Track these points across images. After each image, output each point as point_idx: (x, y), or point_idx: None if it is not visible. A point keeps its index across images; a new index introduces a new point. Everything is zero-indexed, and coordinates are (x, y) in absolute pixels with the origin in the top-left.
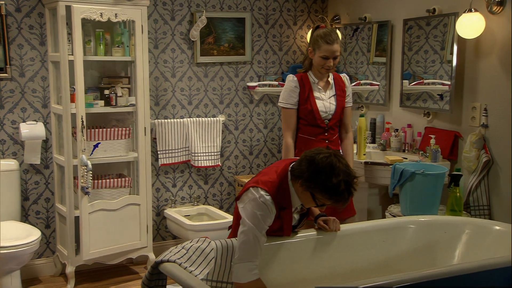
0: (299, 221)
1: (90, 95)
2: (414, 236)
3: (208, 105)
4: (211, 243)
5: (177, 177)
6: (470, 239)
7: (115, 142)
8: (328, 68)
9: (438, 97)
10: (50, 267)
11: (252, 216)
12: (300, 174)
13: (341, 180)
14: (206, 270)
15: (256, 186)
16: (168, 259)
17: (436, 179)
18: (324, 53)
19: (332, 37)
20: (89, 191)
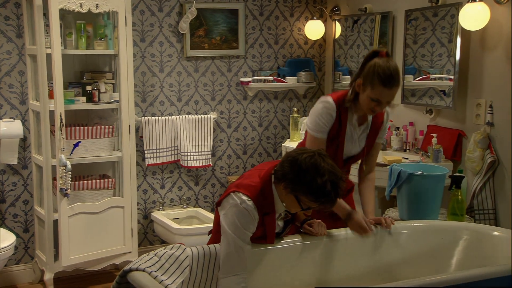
0: (284, 228)
1: (71, 91)
2: (407, 242)
3: (198, 101)
4: (186, 250)
5: (165, 178)
6: (468, 246)
7: (98, 141)
8: (375, 112)
9: (441, 94)
10: (28, 274)
11: (234, 225)
12: (282, 176)
13: (326, 180)
14: (179, 279)
15: (237, 191)
16: (137, 267)
17: (436, 181)
18: (378, 96)
19: (394, 80)
20: (68, 193)
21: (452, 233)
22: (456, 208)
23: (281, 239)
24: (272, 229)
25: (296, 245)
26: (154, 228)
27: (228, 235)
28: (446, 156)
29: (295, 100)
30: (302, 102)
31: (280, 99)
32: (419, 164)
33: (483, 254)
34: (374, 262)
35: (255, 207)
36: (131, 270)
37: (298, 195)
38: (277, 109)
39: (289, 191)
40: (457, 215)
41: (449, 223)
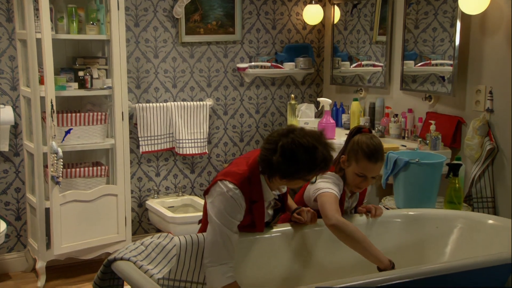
0: (274, 216)
1: (62, 77)
2: (401, 231)
3: (194, 88)
4: (174, 239)
5: (160, 165)
6: (462, 234)
7: (90, 128)
8: (360, 187)
9: (440, 80)
10: (21, 262)
11: (220, 213)
12: (275, 170)
13: (320, 151)
14: (166, 268)
15: (224, 179)
16: (122, 256)
17: (433, 169)
18: (363, 171)
19: (378, 154)
20: (60, 180)
21: (447, 221)
22: (453, 196)
23: (270, 228)
24: (261, 218)
25: (285, 234)
26: (148, 217)
27: (214, 224)
28: (445, 143)
29: (293, 86)
30: (300, 88)
31: (278, 85)
32: (416, 151)
33: (477, 243)
34: None
35: (242, 195)
36: (115, 260)
37: (298, 177)
38: (274, 96)
39: (288, 179)
40: (454, 204)
41: (443, 212)
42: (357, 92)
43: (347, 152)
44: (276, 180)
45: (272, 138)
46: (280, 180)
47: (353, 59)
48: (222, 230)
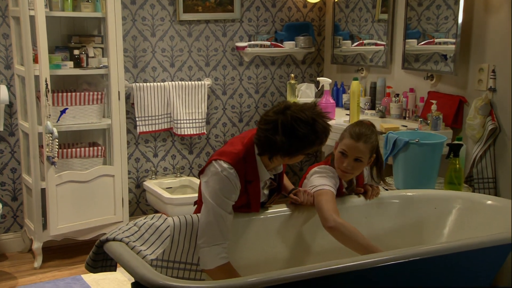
0: (269, 196)
1: (57, 56)
2: (399, 212)
3: (192, 67)
4: (168, 220)
5: (158, 146)
6: (461, 215)
7: (86, 108)
8: (344, 171)
9: (442, 58)
10: (18, 243)
11: (214, 193)
12: (276, 149)
13: (319, 123)
14: (159, 249)
15: (218, 159)
16: (114, 237)
17: (433, 149)
18: (344, 147)
19: (361, 133)
20: (55, 161)
21: (445, 202)
22: (454, 177)
23: (266, 209)
24: (257, 197)
25: (281, 214)
26: (146, 198)
27: (208, 204)
28: (446, 123)
29: (293, 66)
30: (301, 68)
31: (278, 65)
32: (416, 131)
33: (476, 224)
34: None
35: (237, 175)
36: (108, 240)
37: (301, 152)
38: (274, 75)
39: (290, 156)
40: (454, 184)
41: (441, 192)
42: (358, 71)
43: (339, 138)
44: (277, 159)
45: (268, 117)
46: (282, 158)
47: (355, 38)
48: (216, 211)
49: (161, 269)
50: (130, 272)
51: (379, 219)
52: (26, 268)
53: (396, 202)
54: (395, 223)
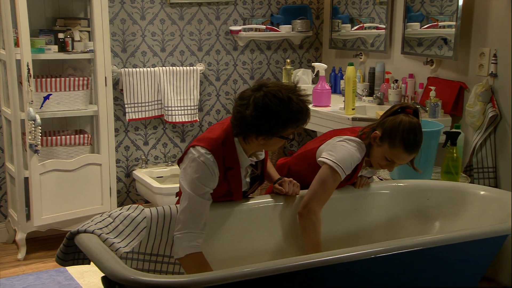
0: (251, 185)
1: (41, 39)
2: (390, 203)
3: (184, 52)
4: (144, 211)
5: (149, 134)
6: (454, 206)
7: (71, 94)
8: (383, 168)
9: (442, 42)
10: (2, 234)
11: (191, 180)
12: (250, 127)
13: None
14: (134, 242)
15: (196, 145)
16: (85, 229)
17: (429, 138)
18: (394, 158)
19: (418, 146)
20: (39, 149)
21: (437, 193)
22: (451, 167)
23: (247, 200)
24: (238, 185)
25: (266, 205)
26: (136, 187)
27: (185, 191)
28: (445, 110)
29: (290, 50)
30: (298, 53)
31: (274, 49)
32: None
33: (469, 215)
34: (353, 224)
35: (215, 161)
36: (79, 232)
37: (275, 133)
38: (270, 61)
39: (264, 137)
40: (451, 174)
41: (434, 183)
42: (357, 56)
43: (383, 130)
44: (252, 141)
45: (244, 94)
46: (257, 139)
47: (355, 21)
48: (192, 197)
49: (138, 262)
50: (98, 266)
51: (369, 210)
52: (9, 260)
53: (386, 193)
54: (386, 215)
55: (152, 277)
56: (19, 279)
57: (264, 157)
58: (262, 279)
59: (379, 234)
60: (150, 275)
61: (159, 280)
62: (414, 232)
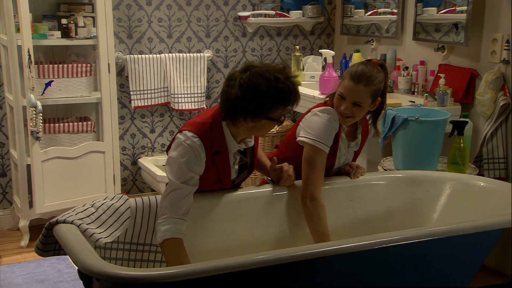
0: (240, 173)
1: (44, 25)
2: (386, 194)
3: (191, 38)
4: (129, 201)
5: (155, 121)
6: (451, 198)
7: (74, 81)
8: (343, 115)
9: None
10: (7, 220)
11: (176, 165)
12: (237, 108)
13: (282, 82)
14: (117, 232)
15: (184, 130)
16: (64, 219)
17: (435, 127)
18: (343, 90)
19: (363, 74)
20: (40, 136)
21: (436, 184)
22: (458, 157)
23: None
24: (226, 171)
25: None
26: (142, 175)
27: (168, 176)
28: (456, 99)
29: (301, 37)
30: (309, 39)
31: (284, 36)
32: (419, 108)
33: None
34: (348, 215)
35: (202, 144)
36: (58, 222)
37: (263, 115)
38: (280, 47)
39: (252, 119)
40: (458, 165)
41: (433, 174)
42: (368, 43)
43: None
44: (241, 124)
45: (232, 76)
46: (245, 121)
47: (369, 7)
48: (175, 183)
49: (123, 251)
50: (71, 258)
51: (365, 202)
52: (12, 247)
53: (383, 184)
54: (382, 206)
55: (123, 269)
56: (20, 267)
57: (254, 145)
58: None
59: (375, 226)
60: (122, 268)
61: (130, 273)
62: (411, 224)
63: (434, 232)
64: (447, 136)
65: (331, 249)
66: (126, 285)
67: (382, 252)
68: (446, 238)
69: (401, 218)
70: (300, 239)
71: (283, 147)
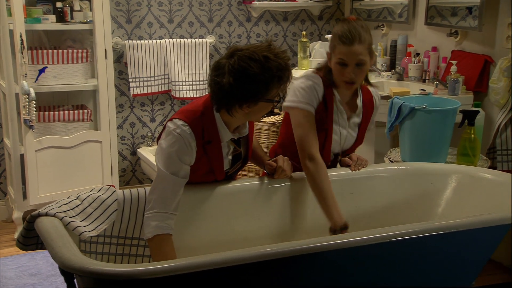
0: (233, 163)
1: (39, 8)
2: (388, 187)
3: (193, 23)
4: (116, 193)
5: (156, 110)
6: (457, 192)
7: (70, 67)
8: (349, 82)
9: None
10: (2, 211)
11: (165, 155)
12: (231, 96)
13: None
14: (103, 225)
15: (174, 118)
16: (46, 212)
17: (444, 117)
18: (341, 56)
19: (351, 35)
20: (33, 124)
21: (441, 177)
22: (468, 148)
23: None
24: (219, 161)
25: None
26: (141, 166)
27: (158, 168)
28: (468, 87)
29: (309, 22)
30: (317, 24)
31: (291, 20)
32: (428, 96)
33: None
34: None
35: (192, 133)
36: (40, 215)
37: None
38: (286, 33)
39: (248, 104)
40: (468, 156)
41: (437, 166)
42: (378, 28)
43: (329, 47)
44: (237, 112)
45: (219, 64)
46: (241, 108)
47: None
48: (165, 175)
49: (110, 245)
50: (50, 253)
51: (367, 195)
52: (6, 239)
53: (385, 177)
54: (385, 200)
55: (104, 265)
56: (12, 259)
57: (249, 134)
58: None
59: (377, 220)
60: (102, 264)
61: (110, 269)
62: (414, 219)
63: (438, 227)
64: (457, 126)
65: (331, 243)
66: (107, 282)
67: (384, 247)
68: (450, 233)
69: (404, 212)
70: (300, 233)
71: (282, 134)
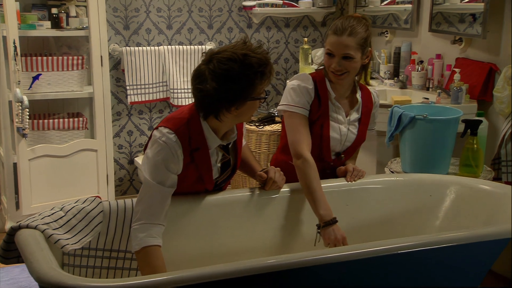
0: (223, 171)
1: (33, 14)
2: (384, 199)
3: (192, 29)
4: (102, 204)
5: (154, 118)
6: (455, 203)
7: (65, 74)
8: (335, 72)
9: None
10: None
11: (151, 164)
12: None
13: (253, 57)
14: (87, 238)
15: (160, 126)
16: (27, 224)
17: (445, 126)
18: (328, 46)
19: (342, 26)
20: (26, 132)
21: (439, 188)
22: (471, 159)
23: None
24: (207, 168)
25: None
26: (138, 175)
27: (144, 178)
28: (472, 95)
29: (311, 28)
30: (320, 30)
31: (293, 27)
32: (430, 105)
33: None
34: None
35: (178, 141)
36: (20, 227)
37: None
38: (288, 39)
39: (236, 106)
40: (471, 167)
41: (435, 177)
42: (382, 35)
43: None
44: (226, 116)
45: (198, 72)
46: (229, 112)
47: None
48: (151, 185)
49: (95, 259)
50: (28, 267)
51: (362, 206)
52: None
53: (382, 188)
54: (381, 212)
55: (83, 281)
56: (3, 271)
57: (237, 140)
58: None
59: (373, 233)
60: (81, 279)
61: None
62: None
63: (435, 241)
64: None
65: (324, 257)
66: None
67: (379, 261)
68: (448, 247)
69: (401, 225)
70: (293, 247)
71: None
